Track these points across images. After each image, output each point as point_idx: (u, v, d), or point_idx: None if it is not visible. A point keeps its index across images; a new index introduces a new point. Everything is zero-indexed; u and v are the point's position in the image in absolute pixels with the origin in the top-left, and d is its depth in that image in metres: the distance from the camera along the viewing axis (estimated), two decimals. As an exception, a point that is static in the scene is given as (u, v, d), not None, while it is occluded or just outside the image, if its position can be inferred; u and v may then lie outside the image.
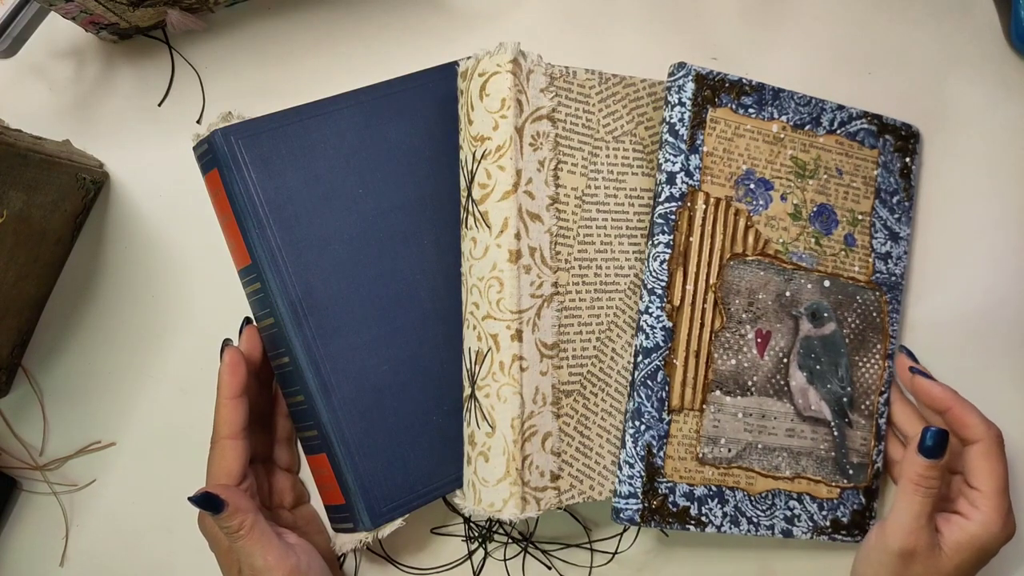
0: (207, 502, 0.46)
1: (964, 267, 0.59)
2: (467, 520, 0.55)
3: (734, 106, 0.53)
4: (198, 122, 0.58)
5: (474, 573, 0.56)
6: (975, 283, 0.59)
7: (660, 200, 0.52)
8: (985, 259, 0.60)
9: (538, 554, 0.56)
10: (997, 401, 0.59)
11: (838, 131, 0.56)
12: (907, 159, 0.58)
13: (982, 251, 0.60)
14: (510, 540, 0.56)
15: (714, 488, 0.52)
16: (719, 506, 0.52)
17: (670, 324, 0.51)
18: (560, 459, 0.49)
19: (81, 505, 0.56)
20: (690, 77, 0.53)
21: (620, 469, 0.51)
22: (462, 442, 0.50)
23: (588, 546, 0.56)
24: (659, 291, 0.51)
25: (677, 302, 0.52)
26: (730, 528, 0.52)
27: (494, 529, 0.55)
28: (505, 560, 0.56)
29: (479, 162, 0.48)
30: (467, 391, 0.49)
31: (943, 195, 0.60)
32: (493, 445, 0.48)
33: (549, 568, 0.56)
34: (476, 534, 0.55)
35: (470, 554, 0.56)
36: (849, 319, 0.55)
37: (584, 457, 0.50)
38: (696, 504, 0.51)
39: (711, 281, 0.52)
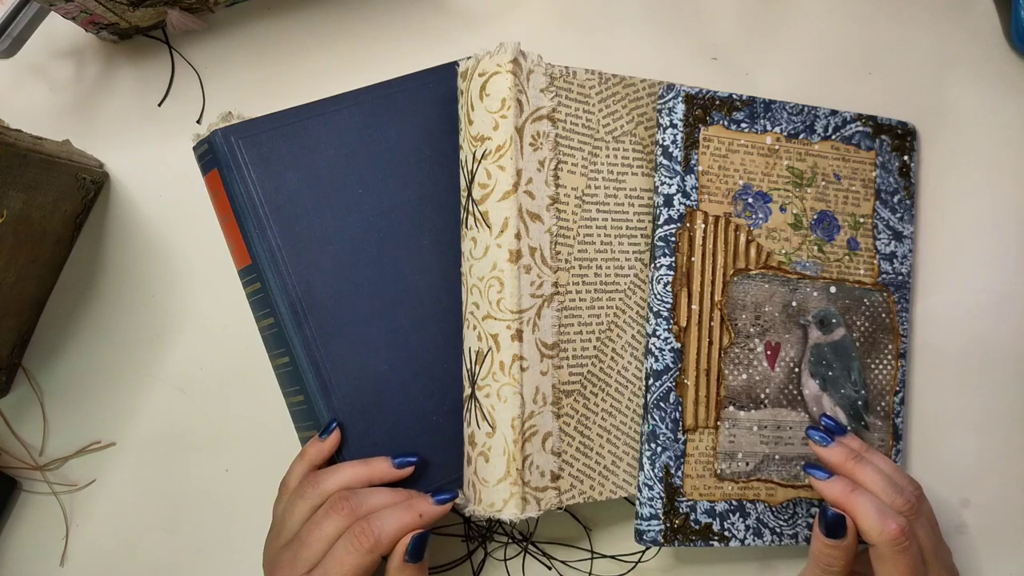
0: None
1: (966, 266, 0.59)
2: (467, 520, 0.55)
3: (726, 123, 0.53)
4: (198, 122, 0.58)
5: (474, 573, 0.56)
6: (977, 282, 0.59)
7: (659, 223, 0.52)
8: (987, 258, 0.60)
9: (538, 554, 0.56)
10: (1001, 400, 0.59)
11: (833, 136, 0.56)
12: (905, 157, 0.58)
13: (984, 250, 0.60)
14: (510, 540, 0.56)
15: (735, 503, 0.52)
16: (741, 520, 0.52)
17: (678, 345, 0.51)
18: (560, 459, 0.49)
19: (81, 505, 0.56)
20: (679, 98, 0.52)
21: (640, 491, 0.51)
22: (462, 442, 0.50)
23: (589, 549, 0.56)
24: (665, 313, 0.51)
25: (684, 323, 0.52)
26: (754, 540, 0.52)
27: (494, 529, 0.55)
28: (505, 560, 0.56)
29: (479, 162, 0.48)
30: (467, 391, 0.49)
31: (944, 195, 0.60)
32: (493, 445, 0.48)
33: (549, 568, 0.56)
34: (476, 534, 0.55)
35: (470, 554, 0.56)
36: (858, 322, 0.55)
37: (584, 457, 0.50)
38: (718, 520, 0.52)
39: (716, 299, 0.52)
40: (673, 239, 0.52)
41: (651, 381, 0.51)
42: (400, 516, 0.46)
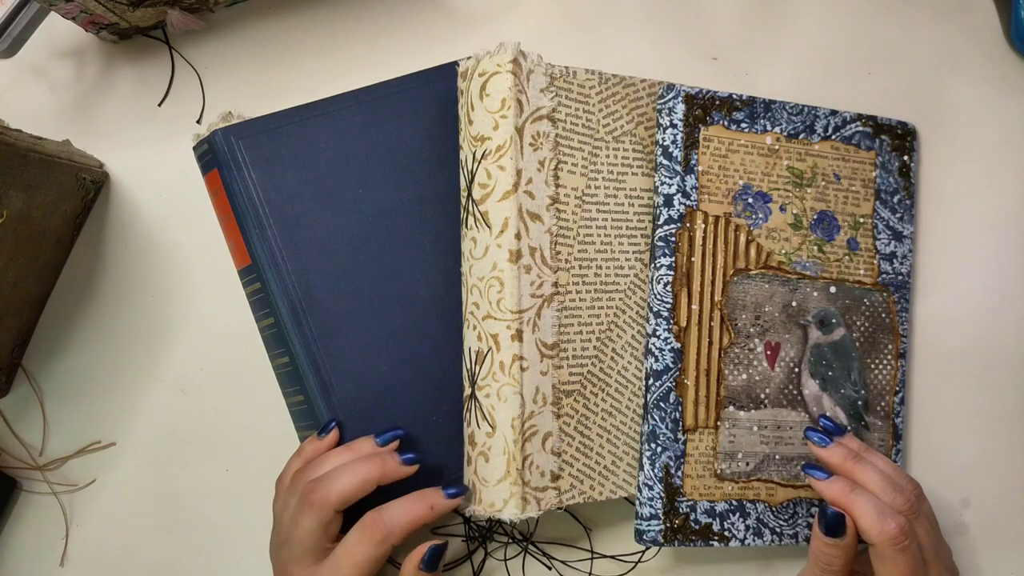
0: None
1: (966, 266, 0.59)
2: (467, 520, 0.55)
3: (726, 123, 0.53)
4: (198, 122, 0.58)
5: (474, 573, 0.56)
6: (977, 282, 0.59)
7: (659, 223, 0.52)
8: (987, 258, 0.60)
9: (538, 554, 0.56)
10: (1001, 400, 0.59)
11: (833, 136, 0.56)
12: (905, 157, 0.58)
13: (984, 250, 0.60)
14: (510, 540, 0.56)
15: (735, 503, 0.52)
16: (741, 520, 0.52)
17: (678, 345, 0.51)
18: (560, 459, 0.49)
19: (81, 505, 0.56)
20: (679, 98, 0.52)
21: (640, 491, 0.51)
22: (462, 442, 0.50)
23: (589, 549, 0.56)
24: (665, 313, 0.51)
25: (684, 323, 0.52)
26: (754, 540, 0.52)
27: (494, 529, 0.55)
28: (505, 560, 0.56)
29: (479, 162, 0.48)
30: (467, 391, 0.49)
31: (944, 195, 0.60)
32: (493, 445, 0.48)
33: (549, 568, 0.56)
34: (476, 534, 0.55)
35: (470, 554, 0.56)
36: (858, 322, 0.55)
37: (584, 457, 0.50)
38: (718, 520, 0.52)
39: (716, 299, 0.52)
40: (673, 239, 0.52)
41: (651, 381, 0.51)
42: (411, 507, 0.46)
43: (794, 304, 0.54)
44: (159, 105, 0.59)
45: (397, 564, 0.55)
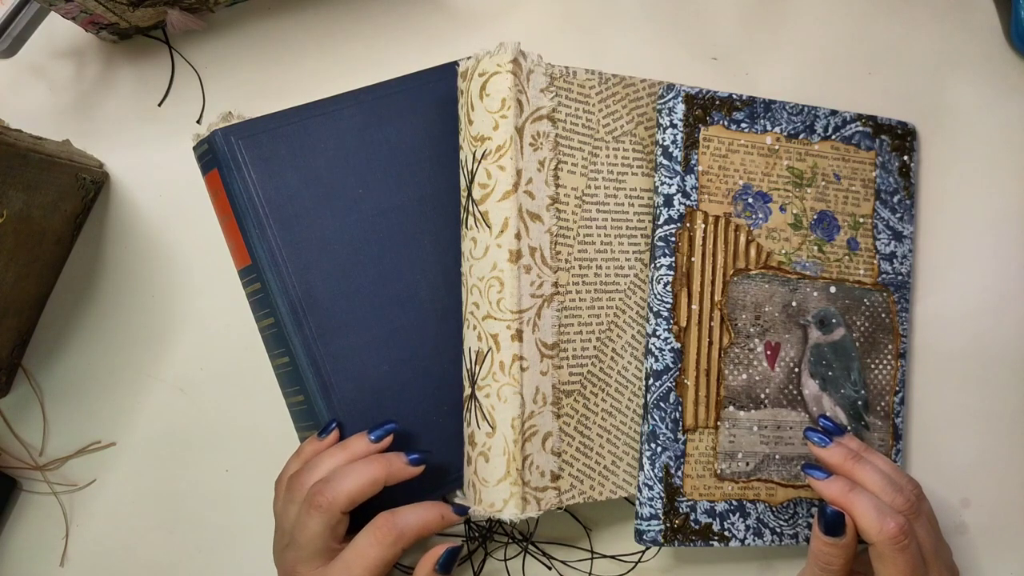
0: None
1: (966, 266, 0.59)
2: (467, 520, 0.55)
3: (726, 123, 0.53)
4: (198, 122, 0.58)
5: (474, 573, 0.56)
6: (977, 282, 0.59)
7: (659, 223, 0.52)
8: (987, 258, 0.60)
9: (538, 554, 0.56)
10: (1001, 400, 0.59)
11: (833, 136, 0.56)
12: (905, 157, 0.58)
13: (984, 250, 0.60)
14: (510, 540, 0.56)
15: (735, 503, 0.52)
16: (741, 520, 0.52)
17: (678, 345, 0.51)
18: (560, 459, 0.49)
19: (81, 505, 0.56)
20: (679, 98, 0.52)
21: (640, 491, 0.51)
22: (462, 442, 0.50)
23: (589, 549, 0.56)
24: (665, 313, 0.51)
25: (684, 323, 0.52)
26: (754, 540, 0.52)
27: (494, 529, 0.55)
28: (505, 560, 0.56)
29: (479, 162, 0.48)
30: (467, 391, 0.49)
31: (944, 195, 0.60)
32: (493, 445, 0.48)
33: (549, 568, 0.56)
34: (476, 534, 0.55)
35: (470, 554, 0.56)
36: (858, 322, 0.55)
37: (584, 457, 0.50)
38: (718, 520, 0.52)
39: (716, 299, 0.52)
40: (673, 239, 0.52)
41: (651, 381, 0.51)
42: (423, 513, 0.47)
43: (794, 304, 0.54)
44: (159, 105, 0.59)
45: (402, 567, 0.55)
